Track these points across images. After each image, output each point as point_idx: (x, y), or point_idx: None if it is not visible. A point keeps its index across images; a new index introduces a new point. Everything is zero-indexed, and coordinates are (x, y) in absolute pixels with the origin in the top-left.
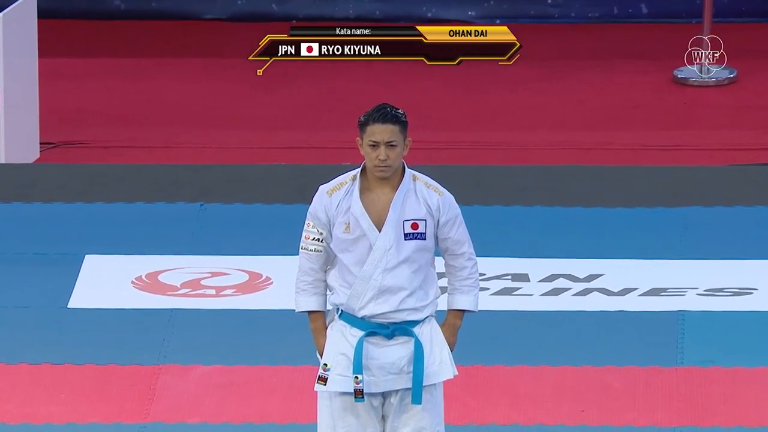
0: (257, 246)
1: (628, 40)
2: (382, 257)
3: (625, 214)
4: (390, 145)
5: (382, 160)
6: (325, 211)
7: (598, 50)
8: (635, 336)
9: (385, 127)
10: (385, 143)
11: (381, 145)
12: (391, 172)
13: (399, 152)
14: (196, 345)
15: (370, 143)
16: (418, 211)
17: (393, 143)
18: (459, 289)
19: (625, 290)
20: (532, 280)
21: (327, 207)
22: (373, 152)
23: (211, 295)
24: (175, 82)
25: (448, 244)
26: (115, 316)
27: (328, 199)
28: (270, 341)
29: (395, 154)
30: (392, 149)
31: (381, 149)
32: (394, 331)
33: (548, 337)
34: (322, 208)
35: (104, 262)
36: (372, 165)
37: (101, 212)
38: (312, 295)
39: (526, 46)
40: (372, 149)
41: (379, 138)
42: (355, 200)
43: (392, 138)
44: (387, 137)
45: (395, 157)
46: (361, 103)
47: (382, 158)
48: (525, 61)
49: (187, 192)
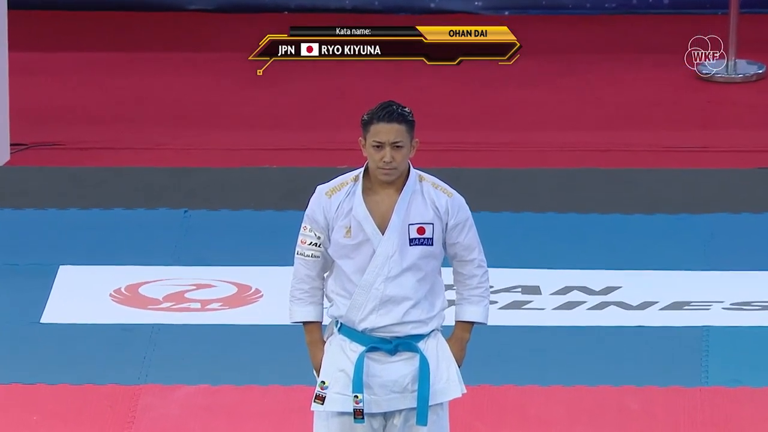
0: (246, 256)
1: (648, 33)
2: (384, 264)
3: (645, 221)
4: (396, 146)
5: (387, 162)
6: (323, 214)
7: (616, 44)
8: (655, 353)
9: (390, 126)
10: (391, 144)
11: (386, 146)
12: (397, 175)
13: (405, 154)
14: (179, 363)
15: (374, 144)
16: (424, 214)
17: (399, 144)
18: (467, 299)
19: (644, 304)
20: (543, 292)
21: (326, 209)
22: (378, 153)
23: (196, 309)
24: (157, 78)
25: (456, 250)
26: (91, 332)
27: (327, 201)
28: (260, 359)
29: (401, 155)
30: (398, 150)
31: (386, 150)
32: (398, 346)
33: (561, 354)
34: (320, 210)
35: (80, 274)
36: (376, 167)
37: (77, 219)
38: (308, 305)
39: (538, 39)
40: (376, 150)
41: (384, 138)
42: (358, 202)
43: (398, 138)
44: (393, 138)
45: (401, 159)
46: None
47: (387, 160)
48: (536, 56)
49: (170, 197)
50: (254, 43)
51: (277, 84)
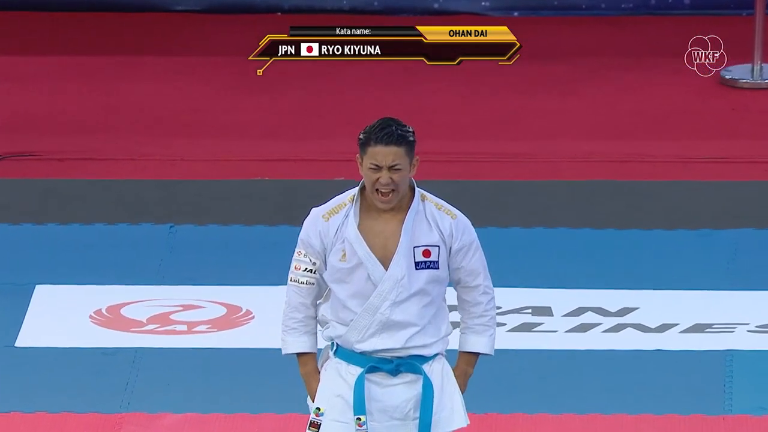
0: (236, 275)
1: (667, 36)
2: (392, 289)
3: (665, 237)
4: (394, 169)
5: (383, 185)
6: (320, 238)
7: (633, 47)
8: (675, 379)
9: (388, 149)
10: (389, 167)
11: (383, 169)
12: (396, 198)
13: (404, 175)
14: (164, 390)
15: (371, 165)
16: (429, 236)
17: (398, 167)
18: (472, 329)
19: (663, 326)
20: (555, 314)
21: (323, 233)
22: (374, 175)
23: (183, 332)
24: (141, 84)
25: (460, 275)
26: (70, 356)
27: (324, 224)
28: (251, 385)
29: (400, 177)
30: (396, 173)
31: (383, 173)
32: (400, 366)
33: (574, 380)
34: (316, 234)
35: (58, 294)
36: (372, 190)
37: (54, 235)
38: (302, 335)
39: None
40: (373, 172)
41: (382, 162)
42: (350, 223)
43: (397, 161)
44: (390, 161)
45: (400, 180)
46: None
47: (383, 182)
48: (547, 60)
49: (155, 211)
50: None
51: (269, 89)
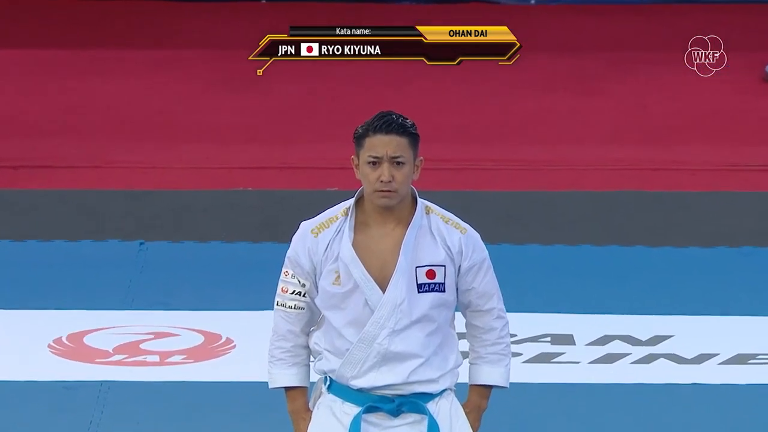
0: (215, 298)
1: (704, 26)
2: (390, 315)
3: (702, 255)
4: (396, 161)
5: (384, 182)
6: (309, 257)
7: (665, 38)
8: (714, 415)
9: (389, 138)
10: (390, 159)
11: (384, 162)
12: (398, 199)
13: (407, 173)
14: (133, 429)
15: (369, 160)
16: (435, 255)
17: (400, 159)
18: (484, 358)
19: (701, 357)
20: (578, 342)
21: (312, 251)
22: (374, 172)
23: (154, 363)
24: (108, 80)
25: (471, 297)
26: (27, 390)
27: (313, 241)
28: (232, 424)
29: (402, 175)
30: (399, 168)
31: (384, 167)
32: (401, 405)
33: (599, 416)
34: (305, 252)
35: (12, 320)
36: (372, 190)
37: (8, 253)
38: (291, 366)
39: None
40: (372, 168)
41: (382, 152)
42: (345, 241)
43: (398, 152)
44: (392, 151)
45: (402, 179)
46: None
47: (384, 179)
48: (566, 54)
49: (123, 226)
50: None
51: (254, 87)
